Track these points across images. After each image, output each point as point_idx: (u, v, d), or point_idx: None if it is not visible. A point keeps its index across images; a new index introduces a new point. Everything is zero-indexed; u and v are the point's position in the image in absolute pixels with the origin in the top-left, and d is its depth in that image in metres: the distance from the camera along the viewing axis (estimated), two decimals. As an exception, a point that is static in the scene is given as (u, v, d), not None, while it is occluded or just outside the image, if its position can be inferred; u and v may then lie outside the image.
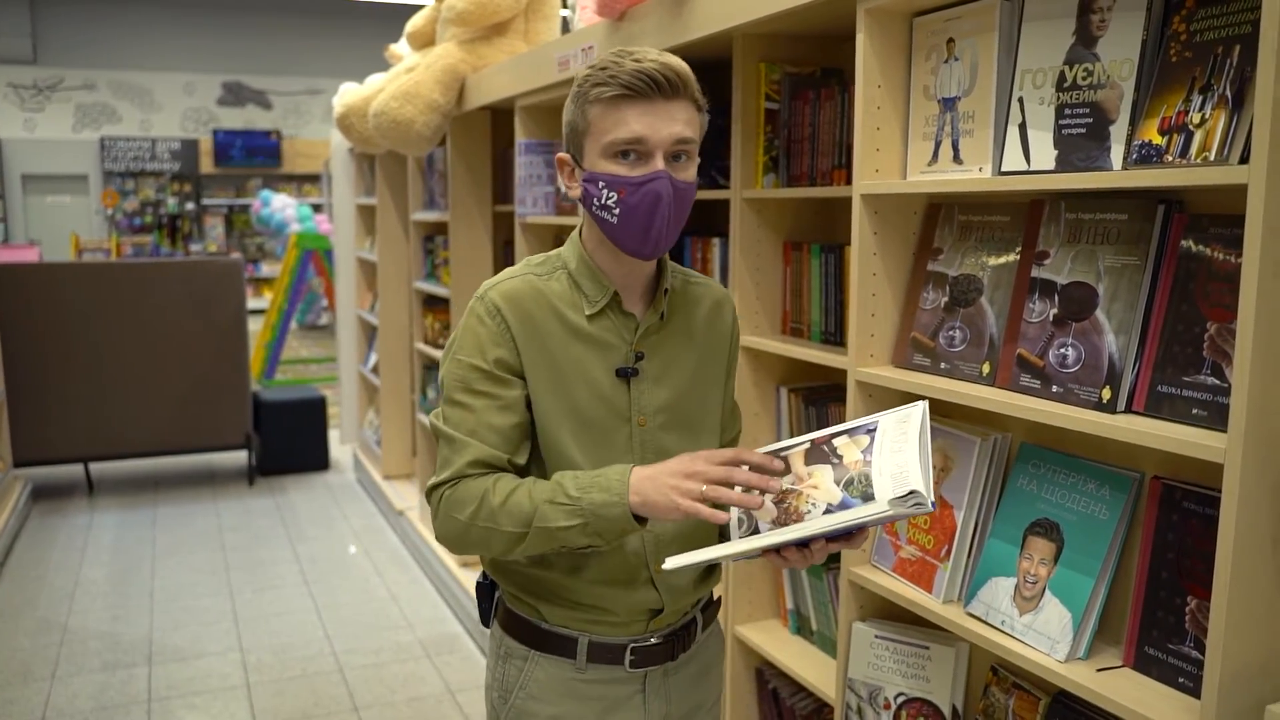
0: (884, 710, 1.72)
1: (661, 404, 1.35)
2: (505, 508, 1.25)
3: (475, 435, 1.30)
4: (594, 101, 1.24)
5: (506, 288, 1.32)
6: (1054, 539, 1.44)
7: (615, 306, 1.34)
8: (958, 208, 1.68)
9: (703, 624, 1.46)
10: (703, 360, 1.40)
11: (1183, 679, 1.29)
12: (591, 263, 1.33)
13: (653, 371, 1.35)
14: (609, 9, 2.37)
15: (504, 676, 1.42)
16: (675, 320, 1.38)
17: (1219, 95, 1.19)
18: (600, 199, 1.26)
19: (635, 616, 1.37)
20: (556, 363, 1.31)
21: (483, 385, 1.30)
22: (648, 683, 1.40)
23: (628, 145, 1.23)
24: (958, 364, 1.60)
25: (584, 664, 1.36)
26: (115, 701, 3.21)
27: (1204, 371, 1.23)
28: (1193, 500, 1.30)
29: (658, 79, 1.22)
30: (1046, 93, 1.42)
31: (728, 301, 1.47)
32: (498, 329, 1.30)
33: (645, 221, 1.25)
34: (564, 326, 1.32)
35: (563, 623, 1.37)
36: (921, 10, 1.65)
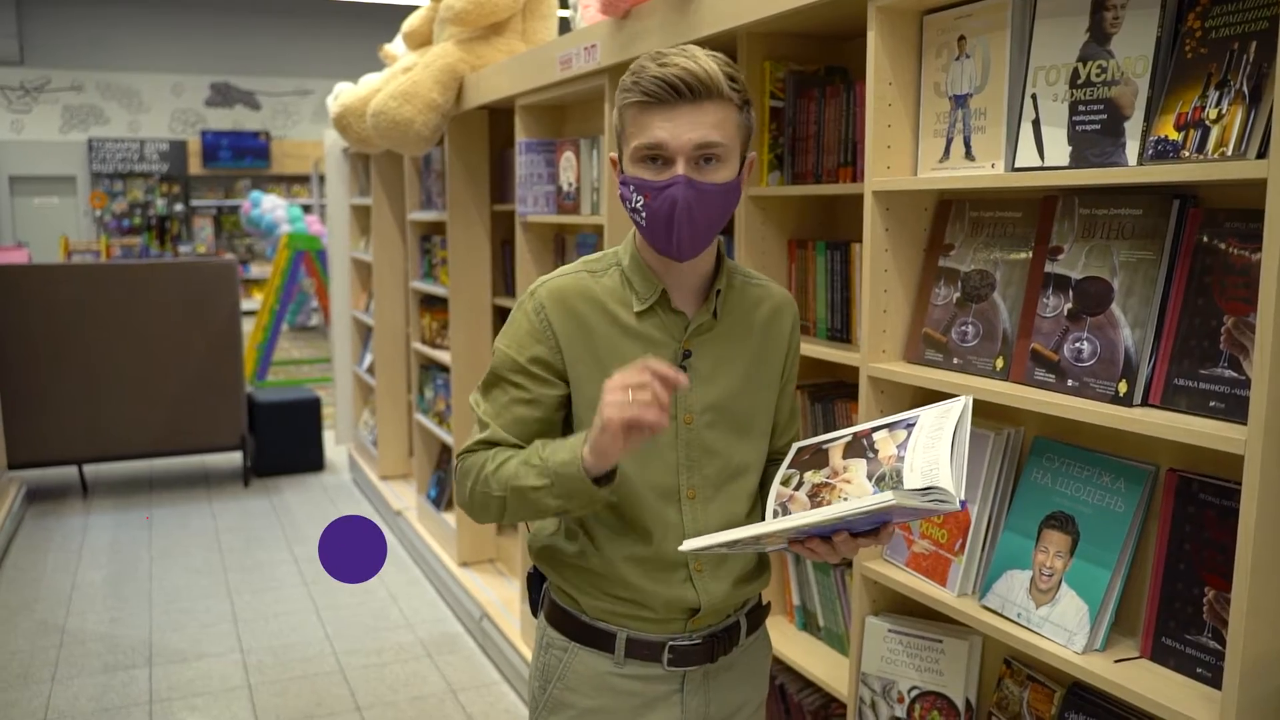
0: (898, 704, 1.73)
1: (709, 403, 1.35)
2: (496, 474, 1.30)
3: (498, 418, 1.34)
4: (626, 106, 1.27)
5: (555, 285, 1.36)
6: (1069, 532, 1.45)
7: (664, 304, 1.35)
8: (969, 204, 1.69)
9: (747, 628, 1.46)
10: (755, 362, 1.40)
11: (1201, 669, 1.30)
12: (642, 260, 1.36)
13: (702, 370, 1.35)
14: (613, 8, 2.37)
15: (545, 666, 1.44)
16: (729, 320, 1.38)
17: (1236, 91, 1.20)
18: (631, 202, 1.29)
19: (673, 614, 1.37)
20: (602, 359, 1.32)
21: (514, 376, 1.34)
22: (686, 682, 1.40)
23: (650, 151, 1.25)
24: (970, 359, 1.61)
25: (622, 659, 1.37)
26: (116, 703, 3.20)
27: (1221, 364, 1.24)
28: (1209, 492, 1.31)
29: (678, 85, 1.22)
30: (1060, 89, 1.43)
31: (789, 305, 1.47)
32: (540, 326, 1.33)
33: (666, 225, 1.26)
34: (612, 323, 1.33)
35: (601, 616, 1.38)
36: (932, 8, 1.66)
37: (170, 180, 13.36)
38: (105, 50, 12.91)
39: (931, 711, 1.70)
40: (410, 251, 4.52)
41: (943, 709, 1.69)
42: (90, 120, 13.05)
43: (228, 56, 13.52)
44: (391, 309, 5.19)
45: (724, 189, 1.27)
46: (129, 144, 13.07)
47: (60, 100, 12.88)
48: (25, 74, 12.65)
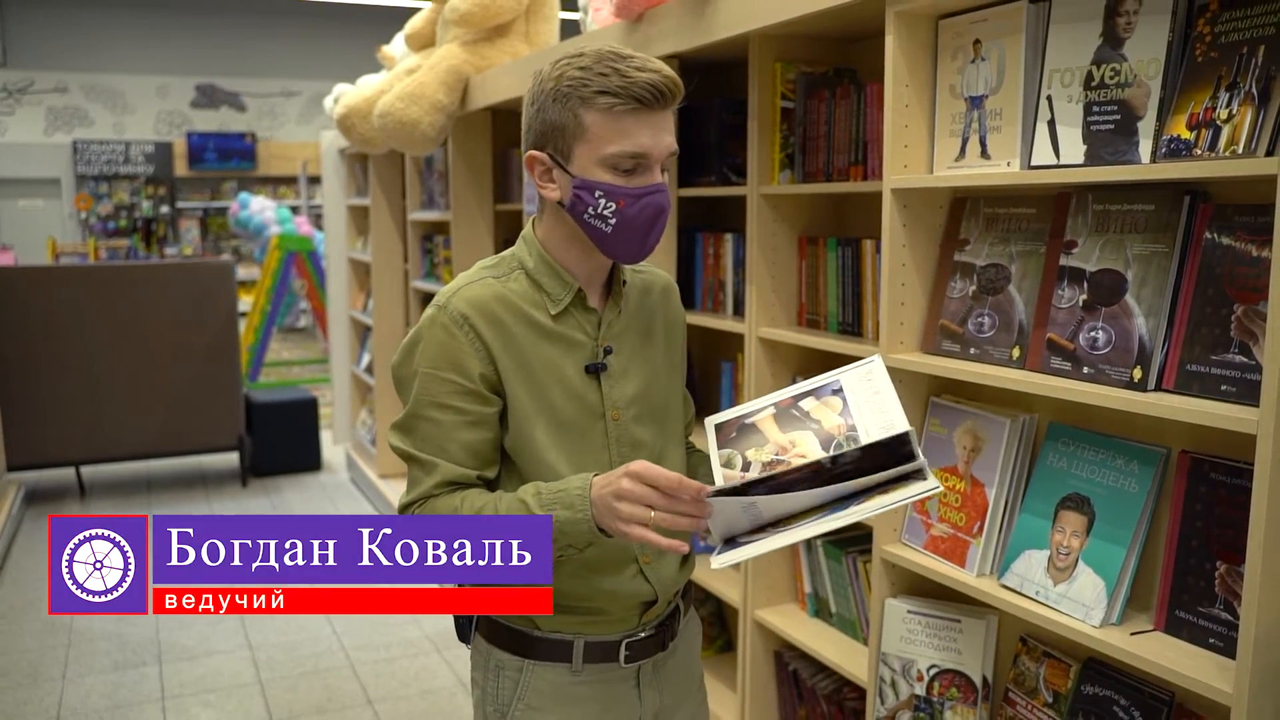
0: (917, 682, 1.79)
1: (632, 396, 1.35)
2: None
3: (444, 453, 1.27)
4: (596, 108, 1.20)
5: (470, 294, 1.28)
6: (1085, 512, 1.53)
7: (579, 303, 1.32)
8: (983, 201, 1.76)
9: (684, 609, 1.47)
10: (663, 348, 1.41)
11: (1213, 640, 1.37)
12: (553, 261, 1.31)
13: (620, 365, 1.34)
14: (627, 11, 2.43)
15: (499, 691, 1.37)
16: (632, 311, 1.38)
17: (1245, 92, 1.28)
18: (596, 208, 1.23)
19: (628, 612, 1.36)
20: (529, 365, 1.29)
21: (453, 400, 1.26)
22: (640, 676, 1.39)
23: (632, 159, 1.21)
24: (987, 349, 1.68)
25: (580, 665, 1.35)
26: (129, 700, 3.22)
27: (1232, 350, 1.32)
28: (1220, 472, 1.38)
29: (664, 91, 1.20)
30: (1074, 91, 1.51)
31: (673, 287, 1.48)
32: (468, 340, 1.26)
33: (644, 232, 1.25)
34: (531, 328, 1.29)
35: (557, 628, 1.34)
36: (947, 13, 1.73)
37: (156, 182, 13.28)
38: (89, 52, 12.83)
39: (950, 689, 1.77)
40: (412, 251, 4.56)
41: (961, 686, 1.76)
42: (75, 122, 12.96)
43: (213, 58, 13.46)
44: (391, 308, 5.23)
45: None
46: (114, 146, 12.99)
47: (44, 102, 12.79)
48: (8, 75, 12.56)
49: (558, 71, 1.22)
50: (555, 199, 1.27)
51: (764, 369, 2.37)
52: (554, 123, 1.22)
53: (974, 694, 1.75)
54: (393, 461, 5.32)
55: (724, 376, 2.70)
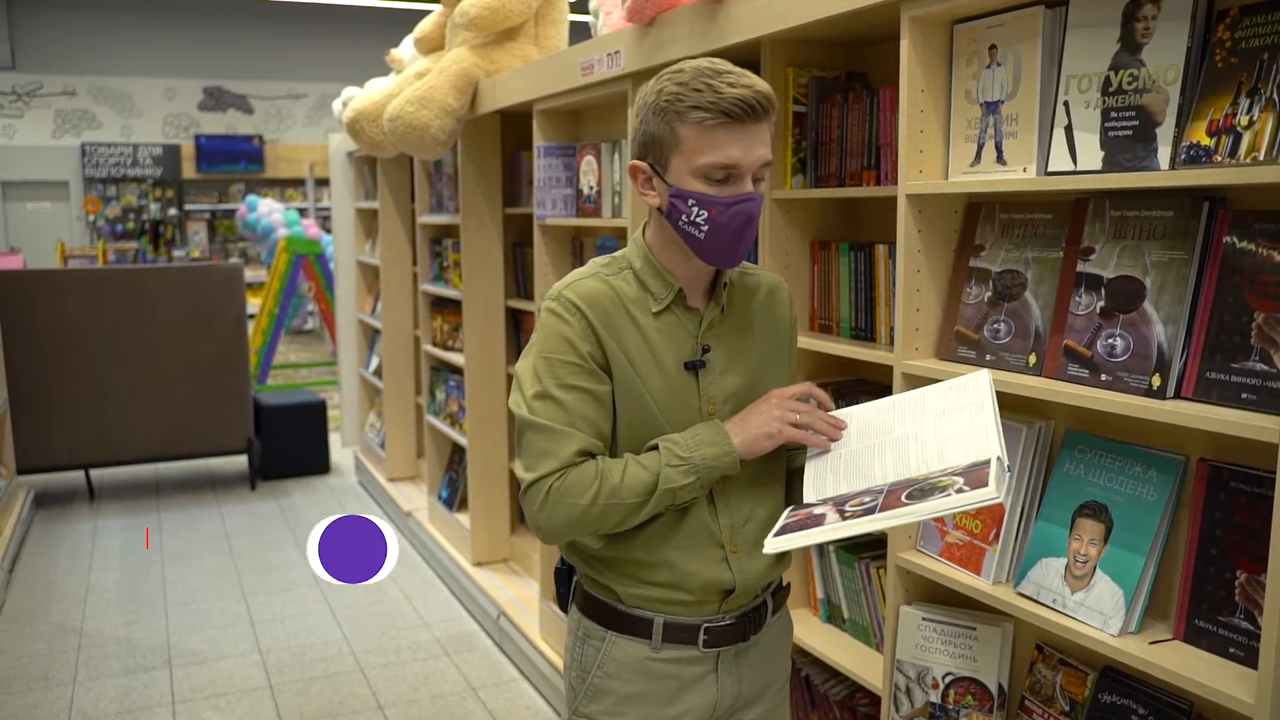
0: (932, 690, 1.79)
1: (729, 393, 1.42)
2: (625, 483, 1.32)
3: (574, 426, 1.35)
4: (690, 122, 1.28)
5: (582, 287, 1.38)
6: (1103, 520, 1.52)
7: (680, 303, 1.40)
8: (999, 206, 1.75)
9: (773, 607, 1.52)
10: (764, 347, 1.47)
11: (1234, 649, 1.36)
12: (656, 262, 1.40)
13: (719, 362, 1.41)
14: (639, 15, 2.43)
15: (582, 656, 1.48)
16: (736, 311, 1.45)
17: (1266, 99, 1.27)
18: (689, 215, 1.32)
19: (709, 597, 1.42)
20: (631, 358, 1.37)
21: (575, 380, 1.35)
22: (720, 662, 1.45)
23: (723, 170, 1.29)
24: (1003, 355, 1.67)
25: (659, 644, 1.42)
26: (140, 704, 3.23)
27: (1253, 358, 1.31)
28: (1240, 480, 1.38)
29: (754, 106, 1.27)
30: (1092, 97, 1.50)
31: (781, 287, 1.54)
32: (582, 325, 1.36)
33: (735, 238, 1.32)
34: (634, 323, 1.38)
35: (639, 604, 1.42)
36: (963, 18, 1.73)
37: (164, 185, 13.33)
38: (97, 55, 12.89)
39: (965, 696, 1.76)
40: (421, 254, 4.56)
41: (976, 694, 1.75)
42: (83, 125, 13.01)
43: (220, 60, 13.50)
44: (399, 311, 5.24)
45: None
46: (122, 148, 13.04)
47: (53, 105, 12.84)
48: (17, 79, 12.62)
49: (659, 86, 1.32)
50: (655, 205, 1.37)
51: (776, 374, 2.36)
52: (653, 134, 1.33)
53: (989, 702, 1.74)
54: (402, 464, 5.33)
55: (735, 381, 2.69)
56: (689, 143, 1.30)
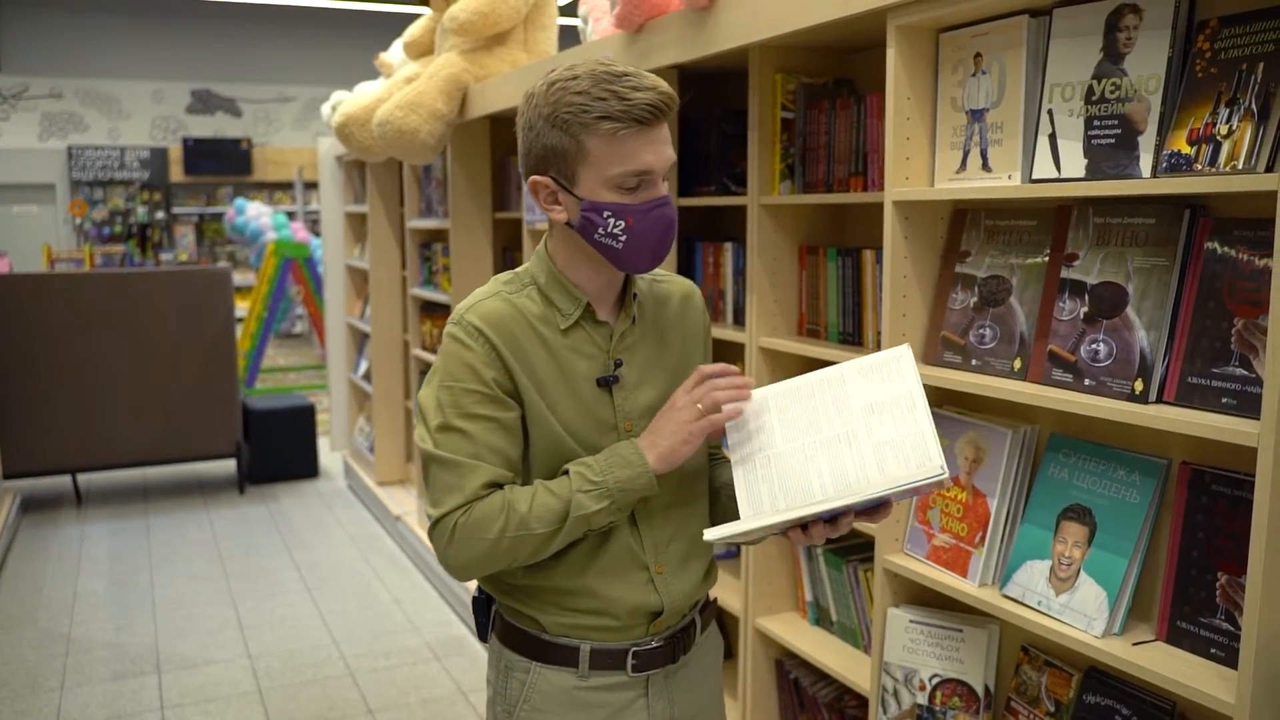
0: (919, 691, 1.80)
1: (646, 407, 1.36)
2: (533, 513, 1.26)
3: (479, 458, 1.28)
4: (599, 133, 1.22)
5: (484, 309, 1.31)
6: (1087, 523, 1.54)
7: (589, 317, 1.34)
8: (984, 213, 1.77)
9: (701, 625, 1.46)
10: (680, 357, 1.42)
11: (1215, 650, 1.38)
12: (562, 276, 1.33)
13: (633, 377, 1.36)
14: (628, 21, 2.44)
15: (507, 690, 1.40)
16: (648, 322, 1.40)
17: (1245, 109, 1.29)
18: (606, 228, 1.25)
19: (636, 620, 1.36)
20: (540, 379, 1.31)
21: (480, 409, 1.29)
22: (650, 686, 1.39)
23: (640, 177, 1.24)
24: (989, 360, 1.69)
25: (586, 671, 1.36)
26: (128, 710, 3.22)
27: (1232, 363, 1.33)
28: (1221, 483, 1.40)
29: (662, 107, 1.23)
30: (1075, 105, 1.52)
31: (694, 294, 1.49)
32: (485, 350, 1.29)
33: (656, 244, 1.28)
34: (541, 343, 1.31)
35: (563, 632, 1.36)
36: (948, 26, 1.75)
37: (151, 188, 13.26)
38: (85, 57, 12.81)
39: (952, 698, 1.77)
40: (410, 259, 4.56)
41: (963, 695, 1.77)
42: (70, 128, 12.93)
43: (208, 63, 13.44)
44: (389, 315, 5.24)
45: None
46: (109, 151, 12.96)
47: (39, 107, 12.76)
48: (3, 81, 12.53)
49: (554, 96, 1.23)
50: (563, 220, 1.29)
51: (764, 378, 2.37)
52: (555, 147, 1.25)
53: (976, 703, 1.76)
54: (391, 469, 5.33)
55: (724, 385, 2.70)
56: (598, 153, 1.23)
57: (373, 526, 5.09)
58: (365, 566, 4.51)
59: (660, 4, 2.38)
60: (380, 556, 4.64)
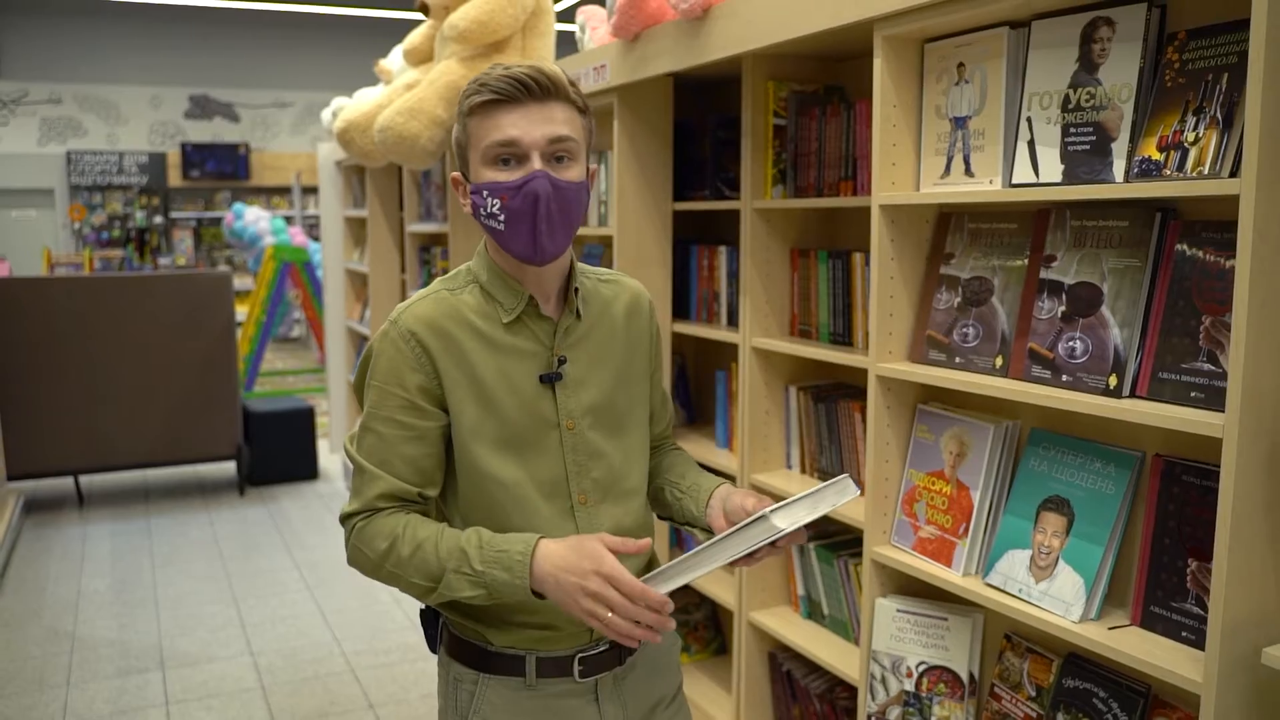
0: (906, 678, 1.86)
1: (588, 405, 1.35)
2: (413, 560, 1.26)
3: (386, 465, 1.30)
4: (470, 113, 1.26)
5: (418, 310, 1.31)
6: (1065, 513, 1.60)
7: (532, 312, 1.33)
8: (967, 216, 1.84)
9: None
10: (624, 357, 1.41)
11: (1186, 633, 1.45)
12: (501, 271, 1.33)
13: (576, 374, 1.35)
14: (625, 30, 2.51)
15: (457, 702, 1.40)
16: (592, 320, 1.38)
17: (1210, 117, 1.36)
18: (486, 208, 1.26)
19: (580, 628, 1.36)
20: (478, 377, 1.30)
21: (399, 414, 1.29)
22: (599, 690, 1.39)
23: (503, 148, 1.24)
24: (972, 358, 1.76)
25: (534, 679, 1.36)
26: (133, 705, 3.27)
27: (1200, 359, 1.39)
28: (1191, 474, 1.46)
29: (526, 82, 1.23)
30: (1053, 113, 1.59)
31: (644, 296, 1.47)
32: (414, 354, 1.29)
33: (529, 224, 1.24)
34: (481, 340, 1.30)
35: (509, 644, 1.36)
36: (933, 37, 1.81)
37: (149, 192, 13.32)
38: (83, 63, 12.88)
39: (938, 684, 1.84)
40: (410, 262, 4.63)
41: (948, 681, 1.83)
42: (68, 133, 13.00)
43: (206, 69, 13.52)
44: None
45: (578, 187, 1.28)
46: (108, 156, 13.02)
47: (38, 113, 12.82)
48: (3, 86, 12.59)
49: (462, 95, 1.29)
50: (469, 211, 1.31)
51: (757, 378, 2.44)
52: (457, 140, 1.30)
53: (961, 689, 1.82)
54: (390, 470, 5.38)
55: (718, 385, 2.77)
56: (475, 132, 1.26)
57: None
58: (365, 566, 4.57)
59: (656, 14, 2.45)
60: (380, 556, 4.69)
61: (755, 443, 2.45)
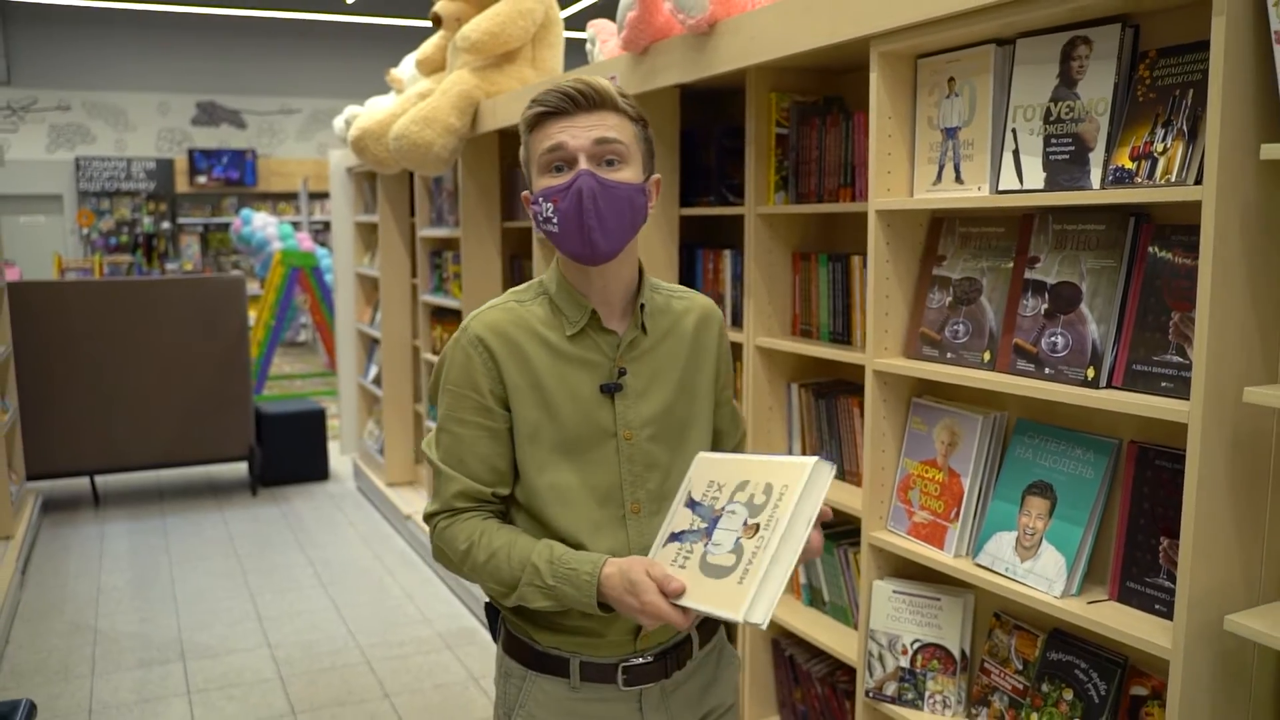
0: (902, 655, 1.98)
1: (648, 417, 1.38)
2: (488, 567, 1.33)
3: (461, 466, 1.36)
4: (528, 130, 1.33)
5: (488, 318, 1.37)
6: (1048, 497, 1.72)
7: (595, 325, 1.37)
8: (958, 221, 1.96)
9: (699, 641, 1.46)
10: (688, 372, 1.43)
11: (1158, 605, 1.56)
12: (569, 285, 1.38)
13: (638, 386, 1.38)
14: (634, 44, 2.63)
15: (505, 694, 1.46)
16: (659, 334, 1.42)
17: (1177, 129, 1.48)
18: (543, 214, 1.31)
19: (621, 636, 1.39)
20: (541, 384, 1.35)
21: (471, 415, 1.36)
22: (644, 700, 1.41)
23: (553, 154, 1.29)
24: (962, 353, 1.88)
25: (578, 683, 1.39)
26: (156, 694, 3.39)
27: (1170, 352, 1.51)
28: (1163, 459, 1.58)
29: (573, 94, 1.29)
30: (1035, 125, 1.71)
31: (714, 314, 1.50)
32: (482, 360, 1.35)
33: (577, 222, 1.28)
34: (546, 349, 1.36)
35: (554, 644, 1.40)
36: (925, 53, 1.93)
37: (157, 198, 13.47)
38: (92, 70, 13.04)
39: (932, 661, 1.95)
40: (421, 266, 4.75)
41: (941, 658, 1.94)
42: (77, 139, 13.15)
43: (213, 76, 13.68)
44: (399, 321, 5.42)
45: (630, 188, 1.31)
46: (116, 163, 13.17)
47: (47, 119, 12.98)
48: (12, 94, 12.75)
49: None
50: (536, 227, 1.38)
51: (761, 376, 2.56)
52: (523, 159, 1.38)
53: (953, 665, 1.94)
54: (401, 470, 5.50)
55: (723, 383, 2.88)
56: (531, 146, 1.33)
57: (383, 526, 5.26)
58: (377, 563, 4.68)
59: (664, 28, 2.57)
60: (391, 554, 4.81)
61: (759, 437, 2.56)
